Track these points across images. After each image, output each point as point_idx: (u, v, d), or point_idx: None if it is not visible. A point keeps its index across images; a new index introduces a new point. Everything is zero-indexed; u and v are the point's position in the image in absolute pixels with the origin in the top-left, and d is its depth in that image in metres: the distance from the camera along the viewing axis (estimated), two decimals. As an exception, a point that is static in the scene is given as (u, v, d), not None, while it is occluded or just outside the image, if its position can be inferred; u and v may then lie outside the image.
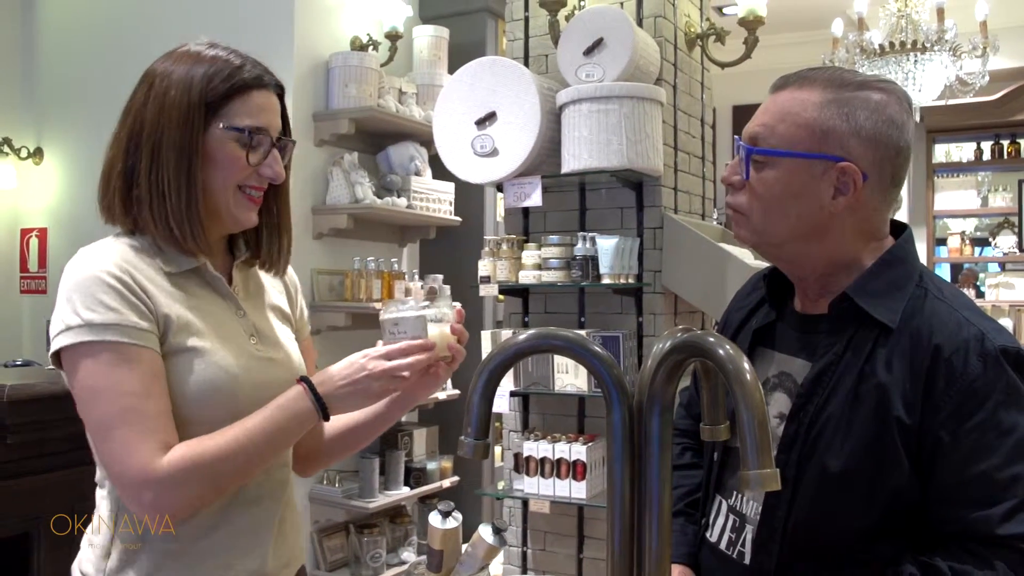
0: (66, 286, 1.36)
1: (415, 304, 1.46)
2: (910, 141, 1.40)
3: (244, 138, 1.42)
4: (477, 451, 1.13)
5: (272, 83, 1.49)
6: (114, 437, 1.31)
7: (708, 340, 1.02)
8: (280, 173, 1.48)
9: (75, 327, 1.32)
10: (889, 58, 4.80)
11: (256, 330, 1.51)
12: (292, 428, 1.39)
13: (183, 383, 1.37)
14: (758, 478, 0.94)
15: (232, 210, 1.45)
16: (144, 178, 1.40)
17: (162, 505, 1.32)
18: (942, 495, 1.27)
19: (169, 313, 1.38)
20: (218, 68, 1.43)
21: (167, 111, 1.40)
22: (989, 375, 1.26)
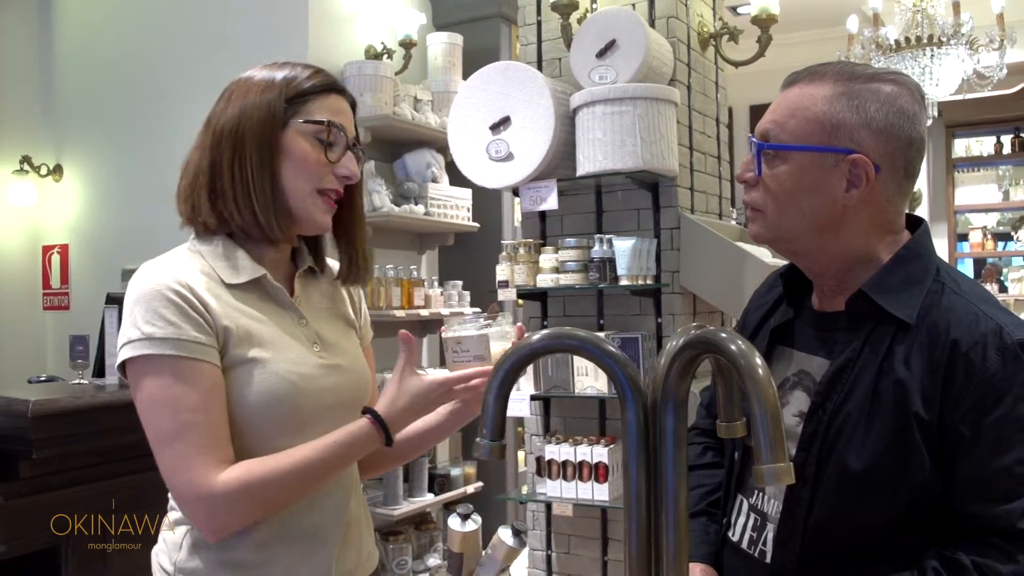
0: (129, 300, 1.39)
1: (477, 323, 1.49)
2: (923, 132, 1.39)
3: (322, 130, 1.46)
4: (493, 452, 1.13)
5: (346, 92, 1.55)
6: (172, 451, 1.34)
7: (720, 336, 1.02)
8: (355, 172, 1.50)
9: (136, 340, 1.35)
10: (905, 53, 4.78)
11: (319, 338, 1.52)
12: (351, 458, 1.45)
13: (244, 394, 1.40)
14: (772, 472, 0.93)
15: (310, 212, 1.48)
16: (227, 172, 1.44)
17: (214, 522, 1.36)
18: (963, 490, 1.27)
19: (229, 325, 1.40)
20: (298, 72, 1.49)
21: (248, 110, 1.45)
22: (1008, 369, 1.25)
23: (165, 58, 4.47)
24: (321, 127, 1.46)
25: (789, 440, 1.41)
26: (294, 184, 1.46)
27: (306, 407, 1.44)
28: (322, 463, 1.39)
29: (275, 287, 1.50)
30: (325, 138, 1.46)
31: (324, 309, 1.60)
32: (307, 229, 1.52)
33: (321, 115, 1.47)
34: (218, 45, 4.28)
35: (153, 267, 1.43)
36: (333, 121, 1.47)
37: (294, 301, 1.53)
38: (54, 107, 5.35)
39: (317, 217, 1.49)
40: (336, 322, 1.61)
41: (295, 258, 1.59)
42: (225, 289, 1.44)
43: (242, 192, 1.44)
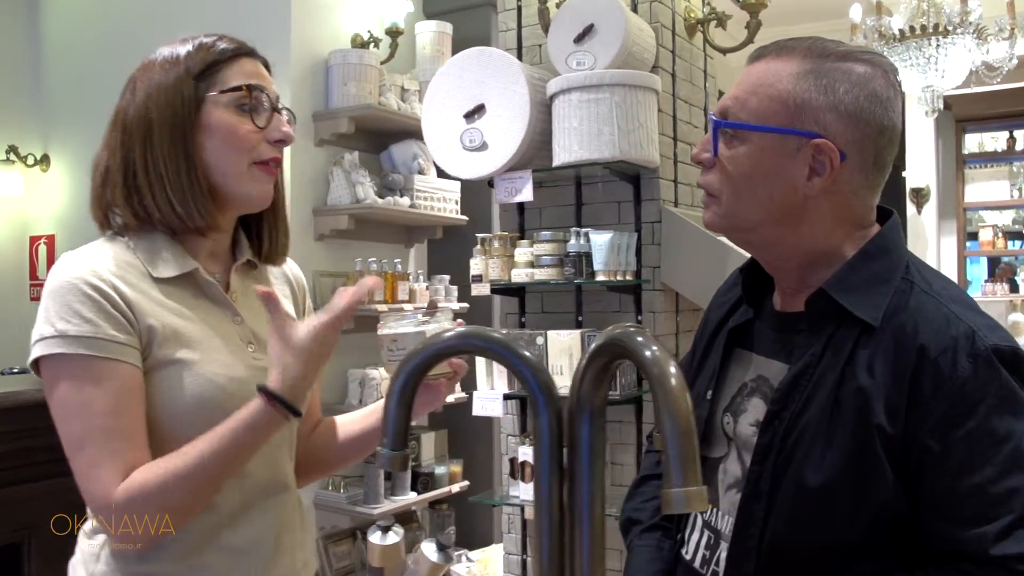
0: (45, 293, 1.30)
1: (414, 320, 1.39)
2: (896, 120, 1.26)
3: (243, 96, 1.36)
4: (395, 462, 1.02)
5: (256, 53, 1.44)
6: (82, 456, 1.25)
7: (635, 339, 0.90)
8: (289, 133, 1.41)
9: (49, 338, 1.26)
10: (910, 43, 4.63)
11: (255, 337, 1.43)
12: (256, 441, 1.30)
13: (170, 398, 1.31)
14: (682, 497, 0.81)
15: (248, 187, 1.39)
16: (140, 164, 1.34)
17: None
18: (932, 510, 1.15)
19: (154, 323, 1.31)
20: (200, 43, 1.39)
21: (154, 94, 1.35)
22: (981, 377, 1.13)
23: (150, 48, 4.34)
24: (240, 93, 1.36)
25: (745, 451, 1.31)
26: (225, 162, 1.37)
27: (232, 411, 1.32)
28: (221, 455, 1.27)
29: (207, 282, 1.40)
30: (248, 104, 1.37)
31: (261, 306, 1.49)
32: (249, 206, 1.43)
33: (237, 81, 1.37)
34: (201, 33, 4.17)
35: (73, 258, 1.33)
36: (252, 84, 1.37)
37: (229, 296, 1.43)
38: (41, 97, 5.28)
39: (257, 190, 1.40)
40: None
41: (235, 250, 1.49)
42: (152, 283, 1.35)
43: (157, 183, 1.34)
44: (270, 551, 1.40)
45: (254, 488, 1.39)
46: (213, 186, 1.38)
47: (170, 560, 1.32)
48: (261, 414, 1.27)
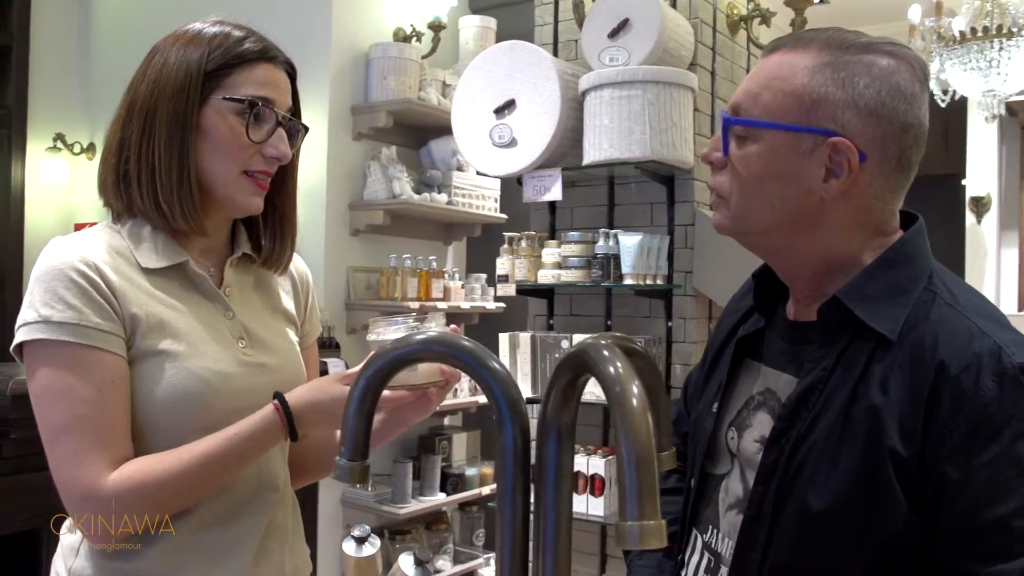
0: (32, 278, 1.27)
1: (404, 324, 1.33)
2: (923, 118, 1.16)
3: (244, 108, 1.32)
4: (353, 474, 0.96)
5: (280, 59, 1.39)
6: (63, 445, 1.22)
7: (600, 354, 0.81)
8: (286, 152, 1.36)
9: (32, 323, 1.23)
10: (971, 45, 4.45)
11: (247, 332, 1.39)
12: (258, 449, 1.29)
13: (151, 390, 1.27)
14: (635, 531, 0.73)
15: (234, 195, 1.35)
16: (134, 152, 1.31)
17: (102, 527, 1.22)
18: (949, 543, 1.05)
19: (138, 312, 1.27)
20: (220, 41, 1.35)
21: (162, 83, 1.31)
22: (1007, 398, 1.03)
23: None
24: (242, 106, 1.32)
25: (748, 469, 1.22)
26: (215, 167, 1.33)
27: (219, 408, 1.30)
28: (220, 458, 1.25)
29: (198, 275, 1.36)
30: (247, 114, 1.32)
31: (258, 301, 1.46)
32: (235, 213, 1.39)
33: (246, 89, 1.32)
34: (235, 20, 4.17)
35: (61, 243, 1.30)
36: (256, 98, 1.32)
37: (222, 291, 1.39)
38: (88, 85, 5.33)
39: (242, 200, 1.35)
40: (270, 316, 1.47)
41: (233, 244, 1.45)
42: (141, 273, 1.31)
43: (146, 174, 1.30)
44: (253, 554, 1.36)
45: (240, 486, 1.35)
46: (204, 188, 1.34)
47: (152, 558, 1.28)
48: (268, 421, 1.26)
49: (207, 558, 1.31)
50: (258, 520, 1.37)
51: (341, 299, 4.12)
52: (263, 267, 1.48)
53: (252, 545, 1.35)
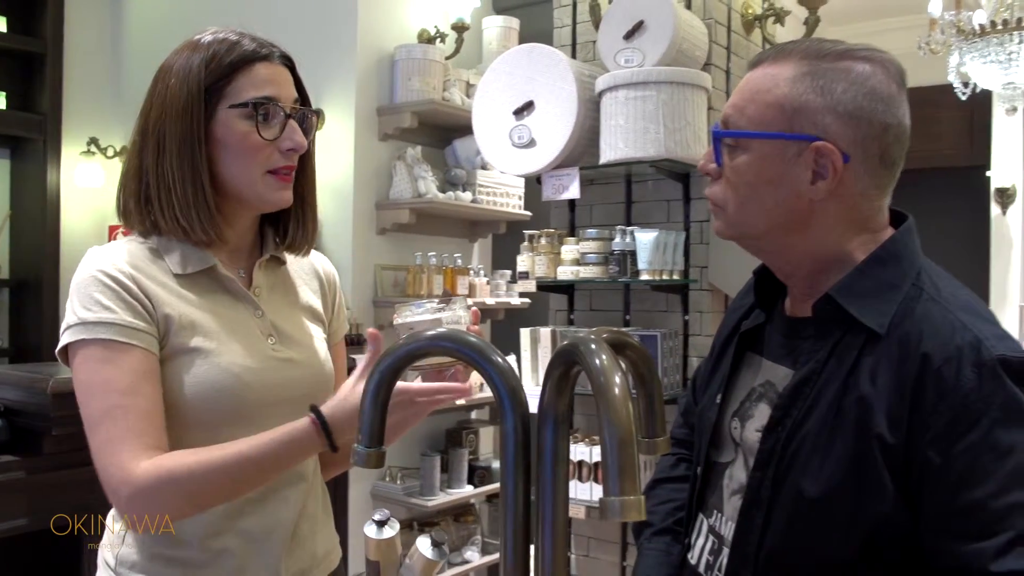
0: (72, 286, 1.36)
1: (430, 307, 1.40)
2: (903, 118, 1.23)
3: (249, 111, 1.38)
4: (369, 460, 1.04)
5: (274, 53, 1.44)
6: (100, 433, 1.30)
7: (589, 347, 0.89)
8: (301, 142, 1.42)
9: (72, 326, 1.32)
10: (990, 38, 4.47)
11: (275, 330, 1.47)
12: (291, 459, 1.35)
13: (183, 383, 1.35)
14: (616, 505, 0.81)
15: (263, 194, 1.42)
16: (152, 175, 1.38)
17: (132, 509, 1.30)
18: (932, 524, 1.12)
19: (171, 313, 1.36)
20: (215, 51, 1.40)
21: (168, 103, 1.38)
22: (985, 388, 1.09)
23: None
24: (247, 110, 1.38)
25: (750, 457, 1.29)
26: (238, 172, 1.40)
27: (250, 400, 1.38)
28: (257, 461, 1.31)
29: (227, 277, 1.44)
30: (254, 116, 1.38)
31: (286, 300, 1.54)
32: (265, 209, 1.46)
33: (247, 93, 1.38)
34: (270, 28, 4.25)
35: (97, 253, 1.39)
36: (260, 99, 1.39)
37: (251, 291, 1.47)
38: (122, 90, 5.46)
39: (271, 196, 1.42)
40: (299, 314, 1.54)
41: (262, 245, 1.53)
42: (171, 277, 1.40)
43: (165, 195, 1.38)
44: (287, 538, 1.44)
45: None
46: (231, 194, 1.41)
47: (192, 544, 1.37)
48: (305, 433, 1.31)
49: (245, 543, 1.39)
50: (291, 507, 1.45)
51: (368, 296, 4.21)
52: (287, 250, 1.55)
53: (286, 530, 1.44)
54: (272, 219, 1.54)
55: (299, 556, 1.46)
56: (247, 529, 1.40)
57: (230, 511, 1.38)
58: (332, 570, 1.55)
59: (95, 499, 2.90)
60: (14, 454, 2.91)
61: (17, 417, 3.00)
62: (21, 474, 2.89)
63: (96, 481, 2.76)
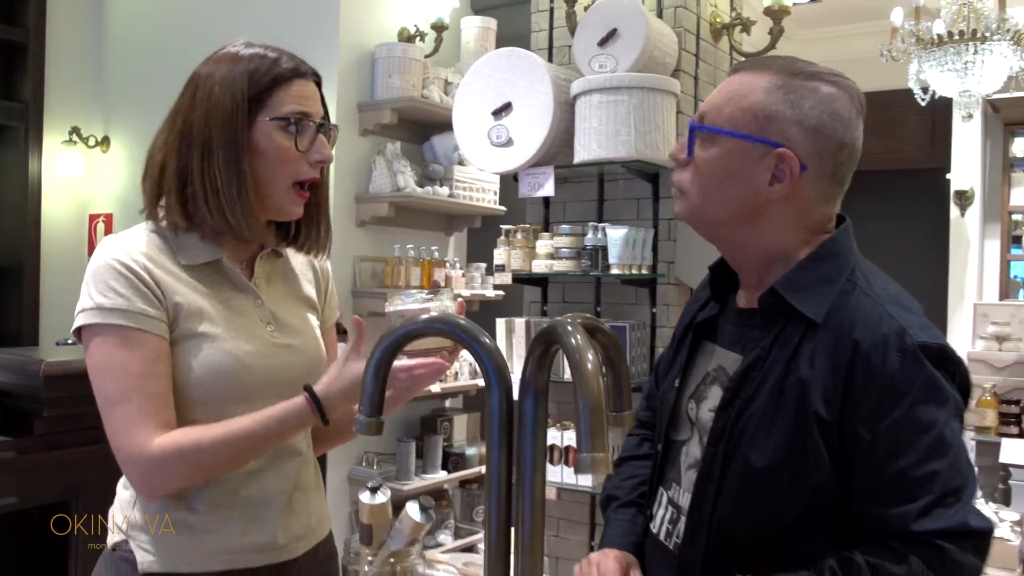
0: (87, 271, 1.47)
1: (420, 297, 1.54)
2: (856, 139, 1.38)
3: (289, 126, 1.49)
4: (369, 428, 1.18)
5: (309, 72, 1.56)
6: (116, 413, 1.42)
7: (566, 328, 1.04)
8: (329, 156, 1.55)
9: (88, 310, 1.43)
10: (948, 48, 4.65)
11: (274, 318, 1.59)
12: (287, 432, 1.50)
13: (190, 366, 1.47)
14: (588, 460, 0.96)
15: (285, 206, 1.54)
16: (197, 176, 1.48)
17: (147, 482, 1.44)
18: (862, 492, 1.27)
19: (180, 301, 1.47)
20: (257, 64, 1.50)
21: (213, 111, 1.48)
22: (907, 371, 1.25)
23: (207, 36, 4.51)
24: (287, 122, 1.49)
25: (704, 435, 1.43)
26: (271, 180, 1.52)
27: (251, 382, 1.50)
28: (257, 435, 1.45)
29: (231, 269, 1.55)
30: (293, 130, 1.50)
31: (284, 290, 1.66)
32: (280, 217, 1.58)
33: (287, 107, 1.50)
34: (253, 24, 4.37)
35: (113, 241, 1.50)
36: (297, 113, 1.50)
37: (252, 282, 1.59)
38: (104, 80, 5.53)
39: (290, 209, 1.55)
40: (295, 303, 1.66)
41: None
42: (180, 268, 1.51)
43: (212, 195, 1.48)
44: (284, 506, 1.57)
45: (271, 451, 1.55)
46: (259, 199, 1.53)
47: (197, 512, 1.50)
48: (299, 409, 1.46)
49: (246, 511, 1.52)
50: (287, 479, 1.59)
51: (348, 287, 4.33)
52: (301, 252, 1.68)
53: (283, 500, 1.57)
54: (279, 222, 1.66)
55: (294, 523, 1.59)
56: (248, 498, 1.53)
57: (233, 482, 1.51)
58: (323, 538, 1.69)
59: (84, 479, 3.01)
60: (5, 435, 3.00)
61: (8, 399, 3.10)
62: (12, 454, 2.97)
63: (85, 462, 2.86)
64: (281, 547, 1.55)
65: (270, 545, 1.54)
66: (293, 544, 1.58)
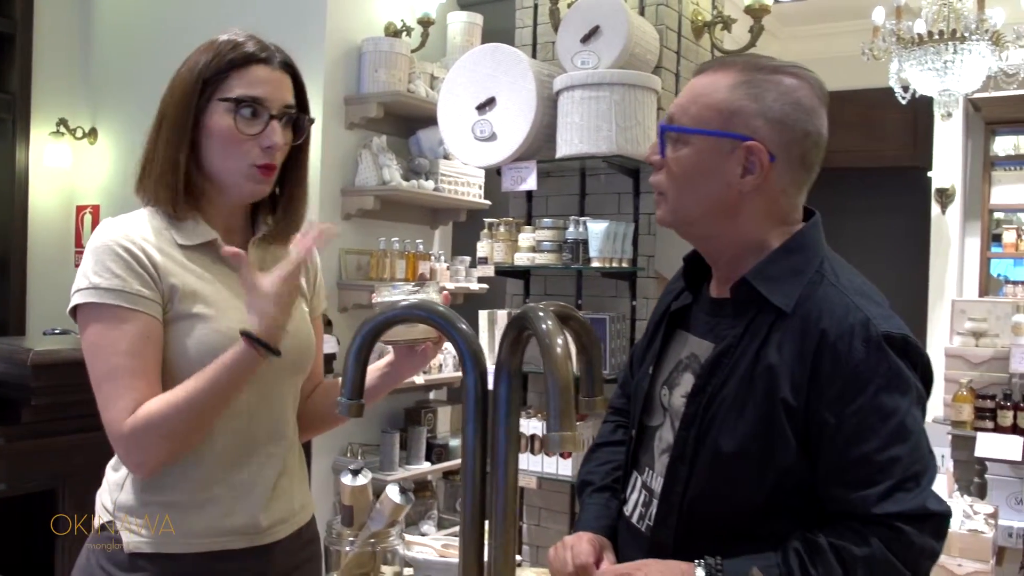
0: (86, 252, 1.51)
1: (406, 289, 1.57)
2: (821, 127, 1.42)
3: (240, 108, 1.51)
4: (351, 410, 1.23)
5: (276, 59, 1.57)
6: (103, 390, 1.46)
7: (537, 315, 1.09)
8: (276, 142, 1.54)
9: (84, 289, 1.47)
10: (927, 47, 4.71)
11: None
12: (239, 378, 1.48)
13: (185, 345, 1.50)
14: (557, 439, 1.01)
15: (242, 184, 1.56)
16: (151, 149, 1.54)
17: (129, 457, 1.48)
18: (827, 475, 1.32)
19: (175, 283, 1.51)
20: (220, 48, 1.53)
21: (175, 90, 1.52)
22: (871, 360, 1.29)
23: (194, 28, 4.54)
24: (234, 103, 1.52)
25: (676, 420, 1.47)
26: (219, 160, 1.54)
27: None
28: (211, 389, 1.46)
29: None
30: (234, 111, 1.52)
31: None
32: (240, 199, 1.61)
33: (239, 90, 1.52)
34: (241, 17, 4.38)
35: (111, 223, 1.53)
36: (245, 96, 1.52)
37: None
38: (91, 72, 5.55)
39: (250, 188, 1.57)
40: None
41: (254, 225, 1.69)
42: (178, 249, 1.54)
43: (150, 167, 1.53)
44: (269, 491, 1.60)
45: (256, 435, 1.59)
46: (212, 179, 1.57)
47: (184, 492, 1.53)
48: (244, 354, 1.47)
49: (231, 492, 1.56)
50: (273, 462, 1.62)
51: (333, 280, 4.36)
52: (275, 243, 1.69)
53: (268, 483, 1.60)
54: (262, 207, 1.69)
55: (278, 507, 1.62)
56: (233, 481, 1.56)
57: (219, 465, 1.55)
58: (306, 522, 1.72)
59: (71, 466, 3.03)
60: (-6, 422, 3.02)
61: (-3, 386, 3.13)
62: (0, 441, 3.00)
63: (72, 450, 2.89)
64: (265, 530, 1.59)
65: (254, 528, 1.57)
66: (276, 527, 1.62)
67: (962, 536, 3.18)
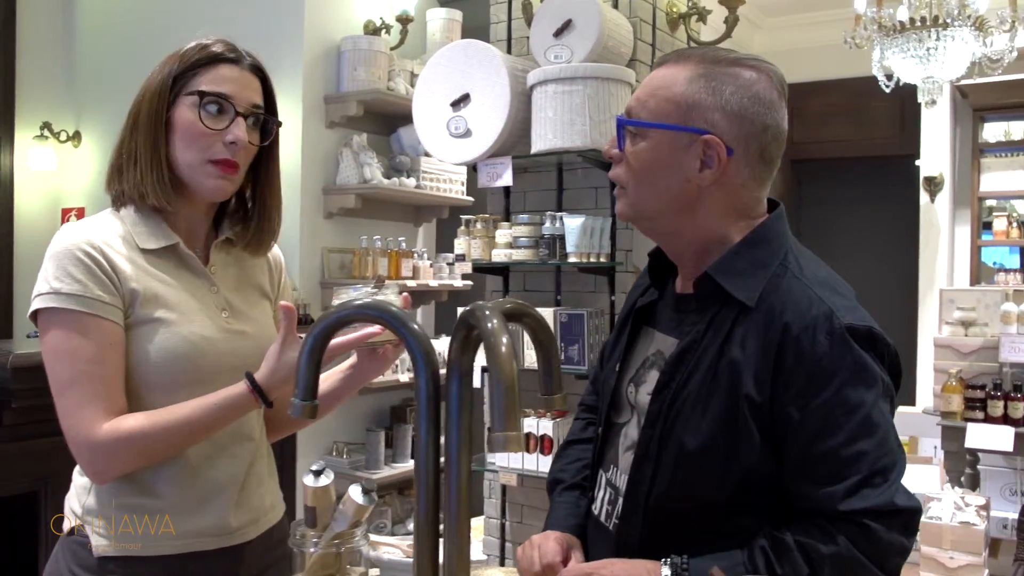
0: (46, 256, 1.51)
1: (365, 291, 1.57)
2: (780, 120, 1.41)
3: (195, 100, 1.53)
4: (304, 411, 1.22)
5: (245, 61, 1.60)
6: (66, 398, 1.47)
7: (484, 313, 1.08)
8: (241, 137, 1.56)
9: (45, 294, 1.47)
10: (910, 35, 4.69)
11: (228, 304, 1.63)
12: (229, 418, 1.53)
13: (147, 350, 1.51)
14: (501, 439, 1.00)
15: (202, 181, 1.56)
16: (125, 148, 1.56)
17: (93, 465, 1.49)
18: (792, 472, 1.31)
19: (136, 287, 1.51)
20: (190, 49, 1.56)
21: (147, 91, 1.55)
22: (835, 353, 1.28)
23: (177, 31, 4.54)
24: (197, 97, 1.53)
25: (642, 417, 1.46)
26: (184, 155, 1.55)
27: (205, 367, 1.54)
28: (200, 422, 1.49)
29: (188, 254, 1.59)
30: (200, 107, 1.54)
31: (238, 278, 1.69)
32: (203, 197, 1.60)
33: (205, 86, 1.54)
34: (219, 17, 4.39)
35: (72, 228, 1.54)
36: (211, 92, 1.54)
37: (208, 269, 1.62)
38: (74, 75, 5.54)
39: (207, 183, 1.57)
40: (249, 291, 1.70)
41: (218, 229, 1.69)
42: (139, 253, 1.54)
43: (131, 165, 1.55)
44: (237, 490, 1.61)
45: (223, 437, 1.59)
46: (178, 178, 1.57)
47: (152, 495, 1.54)
48: (241, 397, 1.50)
49: (198, 494, 1.56)
50: (240, 464, 1.63)
51: (316, 278, 4.36)
52: (245, 251, 1.70)
53: (235, 485, 1.61)
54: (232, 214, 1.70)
55: (246, 507, 1.63)
56: (201, 483, 1.57)
57: (186, 467, 1.55)
58: (276, 522, 1.73)
59: (52, 469, 3.03)
60: (-27, 426, 3.02)
61: (-24, 390, 3.12)
62: (-20, 444, 3.00)
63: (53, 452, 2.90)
64: (234, 530, 1.60)
65: (223, 529, 1.58)
66: (246, 528, 1.62)
67: (953, 528, 3.15)
